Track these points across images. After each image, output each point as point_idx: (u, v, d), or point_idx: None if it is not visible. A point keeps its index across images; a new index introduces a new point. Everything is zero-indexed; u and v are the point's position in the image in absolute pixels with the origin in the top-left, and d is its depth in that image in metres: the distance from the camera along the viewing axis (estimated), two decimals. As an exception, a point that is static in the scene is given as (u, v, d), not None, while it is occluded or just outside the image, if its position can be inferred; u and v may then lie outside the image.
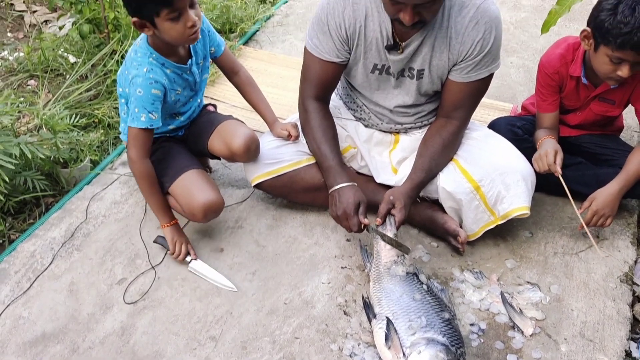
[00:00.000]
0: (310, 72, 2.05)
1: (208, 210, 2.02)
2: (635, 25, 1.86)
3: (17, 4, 3.64)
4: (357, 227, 1.94)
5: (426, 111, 2.15)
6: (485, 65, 1.94)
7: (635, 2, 1.87)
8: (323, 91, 2.09)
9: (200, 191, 2.02)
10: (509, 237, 2.22)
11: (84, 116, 2.66)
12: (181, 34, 1.83)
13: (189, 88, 2.08)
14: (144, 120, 1.93)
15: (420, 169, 2.02)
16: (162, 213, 2.05)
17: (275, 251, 2.15)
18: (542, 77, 2.23)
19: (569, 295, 2.02)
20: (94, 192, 2.36)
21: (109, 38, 2.97)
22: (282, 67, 3.16)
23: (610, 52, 1.95)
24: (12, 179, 2.23)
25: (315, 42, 1.99)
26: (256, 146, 2.12)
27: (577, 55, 2.15)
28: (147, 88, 1.90)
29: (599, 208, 2.09)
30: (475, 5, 1.85)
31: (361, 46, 1.96)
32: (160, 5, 1.75)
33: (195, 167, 2.09)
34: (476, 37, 1.87)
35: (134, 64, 1.93)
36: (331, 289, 2.02)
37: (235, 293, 1.99)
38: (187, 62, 2.00)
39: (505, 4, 3.84)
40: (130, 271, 2.06)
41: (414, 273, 1.89)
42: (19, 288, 2.00)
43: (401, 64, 1.97)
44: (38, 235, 2.18)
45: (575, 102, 2.25)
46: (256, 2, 3.63)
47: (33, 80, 3.01)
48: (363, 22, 1.91)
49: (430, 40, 1.90)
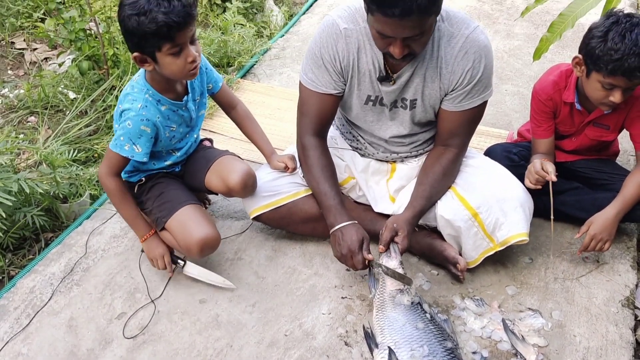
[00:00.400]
0: (308, 106, 2.07)
1: (204, 246, 2.01)
2: (626, 52, 1.89)
3: (17, 42, 3.70)
4: (362, 264, 1.94)
5: (421, 140, 2.17)
6: (477, 93, 1.96)
7: (625, 30, 1.91)
8: (321, 125, 2.09)
9: (196, 226, 2.01)
10: (509, 263, 2.21)
11: (83, 151, 2.68)
12: (181, 69, 1.86)
13: (185, 124, 2.09)
14: (127, 149, 1.95)
15: (421, 197, 2.03)
16: (137, 226, 2.06)
17: (274, 282, 2.15)
18: (536, 103, 2.26)
19: (571, 321, 2.01)
20: (94, 226, 2.37)
21: (108, 74, 3.01)
22: (280, 99, 3.19)
23: (602, 78, 1.97)
24: (11, 215, 2.23)
25: (311, 77, 2.01)
26: (253, 181, 2.13)
27: (569, 82, 2.18)
28: (138, 123, 1.93)
29: (596, 232, 2.09)
30: (464, 36, 1.87)
31: (355, 78, 1.98)
32: (163, 40, 1.78)
33: (191, 203, 2.09)
34: (466, 66, 1.89)
35: (128, 98, 1.96)
36: (332, 320, 2.00)
37: (235, 326, 1.98)
38: (183, 99, 2.02)
39: (498, 33, 3.91)
40: (129, 305, 2.05)
41: (418, 302, 1.89)
42: (18, 324, 1.99)
43: (394, 95, 1.99)
44: (37, 271, 2.18)
45: (570, 128, 2.28)
46: (253, 36, 3.68)
47: (33, 116, 3.04)
48: (356, 54, 1.94)
49: (422, 71, 1.93)
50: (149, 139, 1.97)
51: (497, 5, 4.28)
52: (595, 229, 2.09)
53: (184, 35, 1.80)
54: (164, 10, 1.73)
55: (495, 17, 4.12)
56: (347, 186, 2.26)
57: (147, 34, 1.76)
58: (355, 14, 1.92)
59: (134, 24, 1.76)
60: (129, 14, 1.76)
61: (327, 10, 4.19)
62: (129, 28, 1.79)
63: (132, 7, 1.76)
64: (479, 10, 4.20)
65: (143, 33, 1.76)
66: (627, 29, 1.90)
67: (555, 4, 3.98)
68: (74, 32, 2.90)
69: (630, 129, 2.22)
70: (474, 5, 4.27)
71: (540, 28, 3.93)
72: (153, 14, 1.73)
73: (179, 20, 1.75)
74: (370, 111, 2.07)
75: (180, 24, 1.76)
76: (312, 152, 2.08)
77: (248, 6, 4.04)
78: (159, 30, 1.75)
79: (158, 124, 1.97)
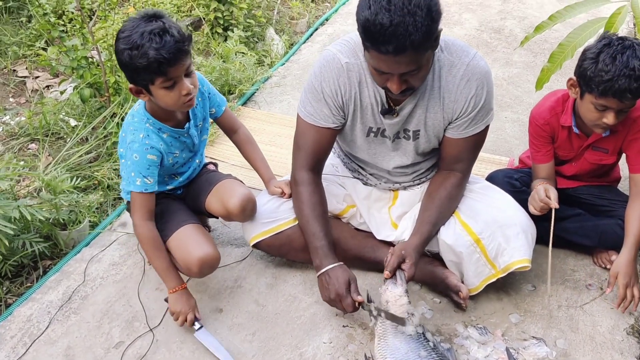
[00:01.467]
0: (305, 140, 2.05)
1: (204, 265, 1.99)
2: (616, 74, 1.91)
3: (19, 70, 3.72)
4: (352, 306, 1.92)
5: (424, 169, 2.17)
6: (480, 119, 1.96)
7: (617, 52, 1.93)
8: (316, 160, 2.07)
9: (196, 245, 2.00)
10: (512, 291, 2.19)
11: (84, 178, 2.68)
12: (175, 102, 1.86)
13: (187, 150, 2.10)
14: (139, 184, 1.94)
15: (427, 222, 2.01)
16: (169, 277, 1.99)
17: (275, 310, 2.12)
18: (534, 129, 2.27)
19: (576, 350, 1.98)
20: (93, 253, 2.35)
21: (110, 101, 3.02)
22: (280, 125, 3.20)
23: (594, 99, 1.99)
24: (10, 242, 2.22)
25: (310, 110, 2.00)
26: (252, 206, 2.12)
27: (567, 107, 2.20)
28: (144, 153, 1.93)
29: (627, 281, 2.03)
30: (464, 64, 1.87)
31: (357, 112, 1.97)
32: (155, 74, 1.78)
33: (192, 222, 2.08)
34: (469, 94, 1.89)
35: (130, 128, 1.96)
36: (333, 349, 1.97)
37: (235, 355, 1.94)
38: (184, 126, 2.03)
39: (497, 61, 3.94)
40: (127, 334, 2.02)
41: (422, 332, 1.86)
42: (15, 353, 1.96)
43: (397, 127, 1.99)
44: (35, 299, 2.15)
45: (569, 152, 2.28)
46: (254, 64, 3.71)
47: (34, 143, 3.04)
48: (357, 88, 1.93)
49: (424, 102, 1.92)
50: (156, 168, 1.97)
51: (495, 34, 4.33)
52: (625, 278, 2.02)
53: (176, 70, 1.80)
54: (155, 46, 1.73)
55: (493, 45, 4.16)
56: (346, 215, 2.25)
57: (139, 68, 1.77)
58: (355, 47, 1.91)
59: (127, 58, 1.77)
60: (122, 48, 1.77)
61: (327, 39, 4.24)
62: (122, 61, 1.80)
63: (125, 41, 1.77)
64: (478, 39, 4.25)
65: (135, 67, 1.77)
66: (619, 51, 1.93)
67: (553, 33, 4.03)
68: (76, 60, 2.92)
69: (627, 151, 2.21)
70: (473, 34, 4.32)
71: (538, 56, 3.97)
72: (144, 49, 1.74)
73: (169, 57, 1.75)
74: (372, 143, 2.06)
75: (170, 60, 1.76)
76: (304, 188, 2.06)
77: (249, 35, 4.08)
78: (150, 66, 1.75)
79: (163, 150, 1.97)
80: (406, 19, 1.55)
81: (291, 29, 4.45)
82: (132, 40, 1.75)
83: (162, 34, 1.75)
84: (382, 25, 1.56)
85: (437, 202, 2.04)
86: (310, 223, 2.02)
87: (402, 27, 1.55)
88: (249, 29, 4.12)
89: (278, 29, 4.40)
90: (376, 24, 1.57)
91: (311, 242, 2.01)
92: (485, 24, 4.49)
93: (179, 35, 1.78)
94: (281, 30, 4.41)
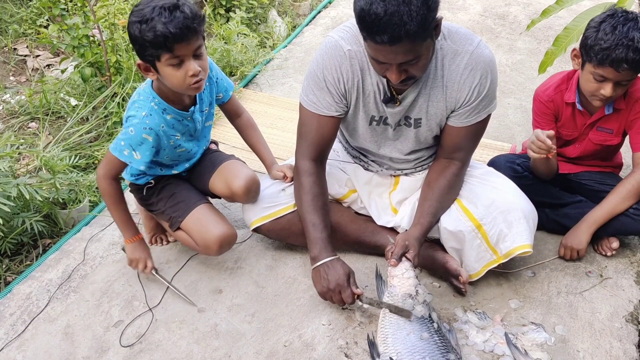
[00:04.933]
0: (307, 129, 2.02)
1: (223, 243, 2.04)
2: (614, 42, 1.93)
3: (20, 48, 3.70)
4: (352, 298, 1.92)
5: (426, 156, 2.15)
6: (483, 108, 1.93)
7: (618, 22, 1.95)
8: (319, 149, 2.05)
9: (214, 224, 2.04)
10: (511, 276, 2.19)
11: (83, 157, 2.67)
12: (181, 82, 1.83)
13: (188, 133, 2.08)
14: (126, 154, 1.93)
15: (427, 213, 2.00)
16: (126, 227, 2.06)
17: (274, 292, 2.12)
18: (537, 105, 2.28)
19: (574, 336, 1.98)
20: (92, 233, 2.35)
21: (111, 81, 3.00)
22: (282, 109, 3.19)
23: (593, 69, 2.01)
24: (9, 221, 2.21)
25: (312, 99, 1.97)
26: (257, 187, 2.12)
27: (571, 84, 2.21)
28: (140, 131, 1.91)
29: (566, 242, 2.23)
30: (468, 52, 1.84)
31: (360, 100, 1.95)
32: (161, 49, 1.76)
33: (205, 202, 2.11)
34: (473, 83, 1.86)
35: (135, 105, 1.94)
36: (332, 331, 1.98)
37: (233, 336, 1.95)
38: (189, 109, 2.01)
39: (501, 47, 3.91)
40: (127, 313, 2.03)
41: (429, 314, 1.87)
42: (14, 331, 1.96)
43: (399, 115, 1.97)
44: (34, 277, 2.15)
45: (573, 132, 2.27)
46: (256, 46, 3.69)
47: (34, 122, 3.03)
48: (360, 76, 1.90)
49: (426, 91, 1.90)
50: (150, 148, 1.95)
51: (499, 20, 4.30)
52: (566, 240, 2.22)
53: (184, 47, 1.77)
54: (164, 20, 1.72)
55: (497, 31, 4.13)
56: (347, 200, 2.24)
57: (146, 42, 1.75)
58: (357, 34, 1.86)
59: (136, 32, 1.75)
60: (132, 21, 1.76)
61: (331, 22, 4.20)
62: (131, 35, 1.78)
63: (136, 14, 1.75)
64: (482, 25, 4.22)
65: (143, 41, 1.76)
66: (620, 22, 1.95)
67: (558, 20, 4.01)
68: (77, 39, 2.89)
69: (630, 131, 2.22)
70: (477, 20, 4.29)
71: (542, 43, 3.94)
72: (153, 22, 1.72)
73: (176, 32, 1.73)
74: (374, 131, 2.05)
75: (177, 36, 1.73)
76: (306, 178, 2.04)
77: (252, 17, 4.05)
78: (156, 40, 1.73)
79: (161, 133, 1.95)
80: (401, 8, 1.52)
81: (294, 11, 4.41)
82: (142, 13, 1.74)
83: (172, 9, 1.74)
84: (377, 15, 1.54)
85: (437, 192, 2.02)
86: (311, 214, 2.01)
87: (396, 17, 1.53)
88: (252, 11, 4.09)
89: (281, 11, 4.37)
90: (371, 14, 1.55)
91: (310, 233, 2.00)
92: (490, 9, 4.46)
93: (190, 13, 1.76)
94: (284, 12, 4.38)
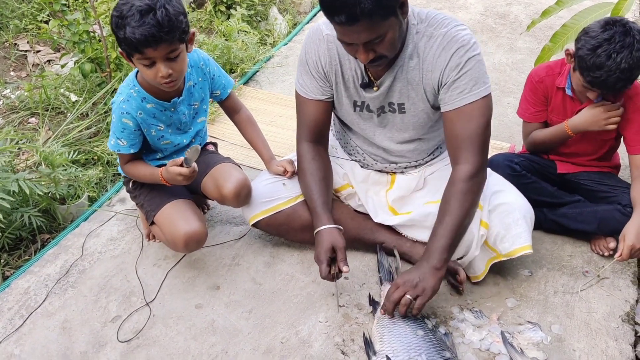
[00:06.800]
0: (302, 113, 2.06)
1: (189, 240, 2.00)
2: (606, 73, 1.97)
3: (21, 44, 3.70)
4: (326, 274, 1.89)
5: (419, 150, 2.14)
6: (469, 89, 1.83)
7: (614, 50, 1.95)
8: (315, 131, 2.07)
9: (183, 221, 2.01)
10: (508, 275, 2.19)
11: (83, 153, 2.67)
12: (152, 80, 1.84)
13: (175, 126, 2.07)
14: (112, 144, 1.99)
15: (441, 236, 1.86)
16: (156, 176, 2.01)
17: (272, 289, 2.13)
18: (529, 84, 2.32)
19: (571, 335, 1.99)
20: (91, 228, 2.35)
21: (111, 77, 3.01)
22: (281, 106, 3.19)
23: (583, 81, 2.07)
24: (8, 215, 2.22)
25: (302, 83, 2.01)
26: (247, 192, 2.09)
27: (564, 69, 2.23)
28: (119, 117, 1.94)
29: (634, 242, 2.05)
30: (441, 34, 1.82)
31: (340, 84, 1.97)
32: (131, 50, 1.75)
33: (182, 198, 2.09)
34: (445, 59, 1.82)
35: (118, 92, 1.98)
36: (329, 328, 1.98)
37: (230, 332, 1.96)
38: (171, 100, 2.00)
39: (501, 47, 3.91)
40: (124, 309, 2.03)
41: (423, 316, 1.89)
42: (12, 325, 1.96)
43: (379, 101, 1.97)
44: (33, 272, 2.16)
45: (562, 118, 2.28)
46: (256, 43, 3.69)
47: (34, 117, 3.03)
48: (338, 60, 1.93)
49: (403, 75, 1.89)
50: (132, 132, 1.97)
51: (500, 19, 4.30)
52: (631, 240, 2.05)
53: (152, 52, 1.75)
54: (133, 24, 1.69)
55: (498, 31, 4.13)
56: (344, 192, 2.25)
57: (119, 39, 1.76)
58: None
59: (113, 25, 1.75)
60: (113, 14, 1.75)
61: (331, 20, 4.20)
62: (111, 25, 1.78)
63: (117, 8, 1.74)
64: (482, 24, 4.22)
65: (117, 36, 1.76)
66: (617, 50, 1.96)
67: (559, 20, 4.00)
68: (77, 35, 2.90)
69: (624, 132, 2.23)
70: (477, 19, 4.29)
71: (542, 43, 3.93)
72: (125, 22, 1.70)
73: (141, 39, 1.69)
74: (360, 117, 2.06)
75: (142, 42, 1.70)
76: (304, 157, 2.07)
77: (252, 14, 4.05)
78: (126, 41, 1.72)
79: (139, 119, 1.96)
80: None
81: (294, 9, 4.41)
82: (121, 9, 1.72)
83: (145, 13, 1.69)
84: None
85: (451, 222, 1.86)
86: (309, 187, 2.03)
87: None
88: (252, 8, 4.09)
89: (281, 8, 4.37)
90: None
91: (309, 205, 2.03)
92: (491, 9, 4.46)
93: (163, 19, 1.70)
94: (284, 9, 4.38)
